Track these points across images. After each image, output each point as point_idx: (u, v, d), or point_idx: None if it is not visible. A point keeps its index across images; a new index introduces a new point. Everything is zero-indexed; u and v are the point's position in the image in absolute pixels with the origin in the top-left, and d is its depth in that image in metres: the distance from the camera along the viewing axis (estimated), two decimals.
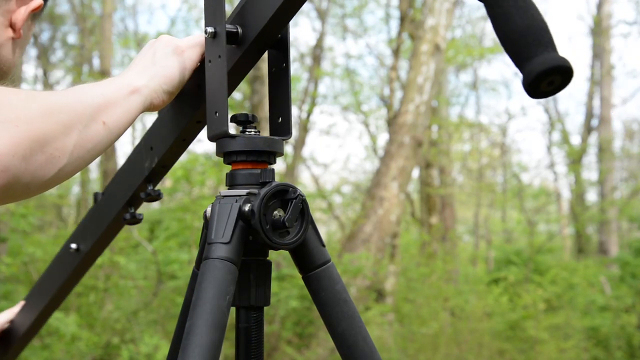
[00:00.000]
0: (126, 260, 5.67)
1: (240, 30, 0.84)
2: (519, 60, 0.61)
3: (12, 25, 1.01)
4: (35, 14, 1.03)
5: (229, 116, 0.84)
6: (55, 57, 12.16)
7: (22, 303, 1.37)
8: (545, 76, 0.58)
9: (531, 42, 0.60)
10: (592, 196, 15.54)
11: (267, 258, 0.86)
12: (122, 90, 0.81)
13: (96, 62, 10.53)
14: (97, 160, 12.24)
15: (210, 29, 0.83)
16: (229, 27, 0.84)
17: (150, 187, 1.03)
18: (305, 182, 12.48)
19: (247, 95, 8.94)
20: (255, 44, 0.84)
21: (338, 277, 0.85)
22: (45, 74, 11.33)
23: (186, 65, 0.90)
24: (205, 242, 0.81)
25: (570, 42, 31.24)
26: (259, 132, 0.85)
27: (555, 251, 12.60)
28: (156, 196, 1.03)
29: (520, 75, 0.60)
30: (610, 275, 9.75)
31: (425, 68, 7.23)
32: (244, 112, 0.86)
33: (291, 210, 0.80)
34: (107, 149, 0.78)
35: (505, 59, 24.91)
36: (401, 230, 9.81)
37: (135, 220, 1.09)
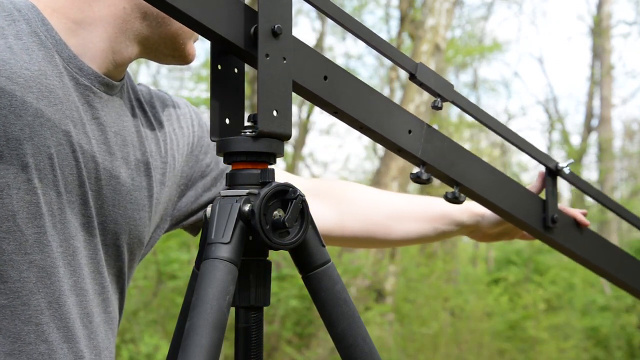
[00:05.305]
0: None
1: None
2: None
3: None
4: None
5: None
6: None
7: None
8: None
9: None
10: None
11: (267, 258, 0.86)
12: None
13: None
14: None
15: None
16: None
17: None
18: None
19: (247, 95, 8.94)
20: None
21: (338, 277, 0.85)
22: None
23: None
24: (205, 242, 0.81)
25: (570, 42, 31.28)
26: (259, 132, 0.85)
27: (555, 251, 12.58)
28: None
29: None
30: None
31: None
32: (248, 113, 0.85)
33: (291, 211, 0.80)
34: None
35: (506, 58, 24.93)
36: None
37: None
